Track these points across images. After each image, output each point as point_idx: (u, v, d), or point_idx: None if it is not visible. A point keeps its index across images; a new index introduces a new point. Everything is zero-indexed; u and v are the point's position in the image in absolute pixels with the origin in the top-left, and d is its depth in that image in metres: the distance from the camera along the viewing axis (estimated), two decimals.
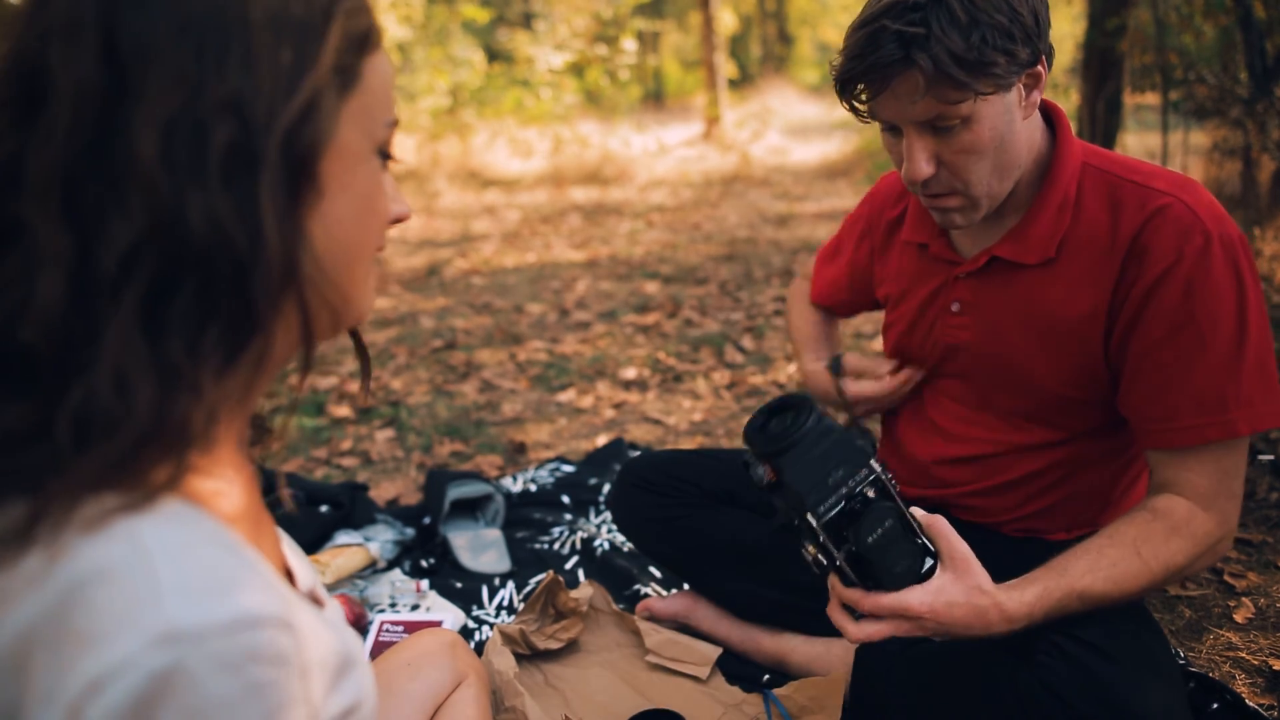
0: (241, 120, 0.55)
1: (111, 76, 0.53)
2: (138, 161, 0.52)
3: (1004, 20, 1.12)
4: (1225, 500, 1.23)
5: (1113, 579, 1.18)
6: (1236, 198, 5.09)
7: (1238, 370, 1.19)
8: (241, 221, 0.54)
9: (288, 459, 2.76)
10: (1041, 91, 1.22)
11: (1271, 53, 4.70)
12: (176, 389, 0.54)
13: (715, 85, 13.21)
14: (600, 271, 5.43)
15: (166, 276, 0.54)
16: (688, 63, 26.08)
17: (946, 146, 1.20)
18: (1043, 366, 1.32)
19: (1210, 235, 1.18)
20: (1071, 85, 7.21)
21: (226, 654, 0.51)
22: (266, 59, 0.56)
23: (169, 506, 0.55)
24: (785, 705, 1.44)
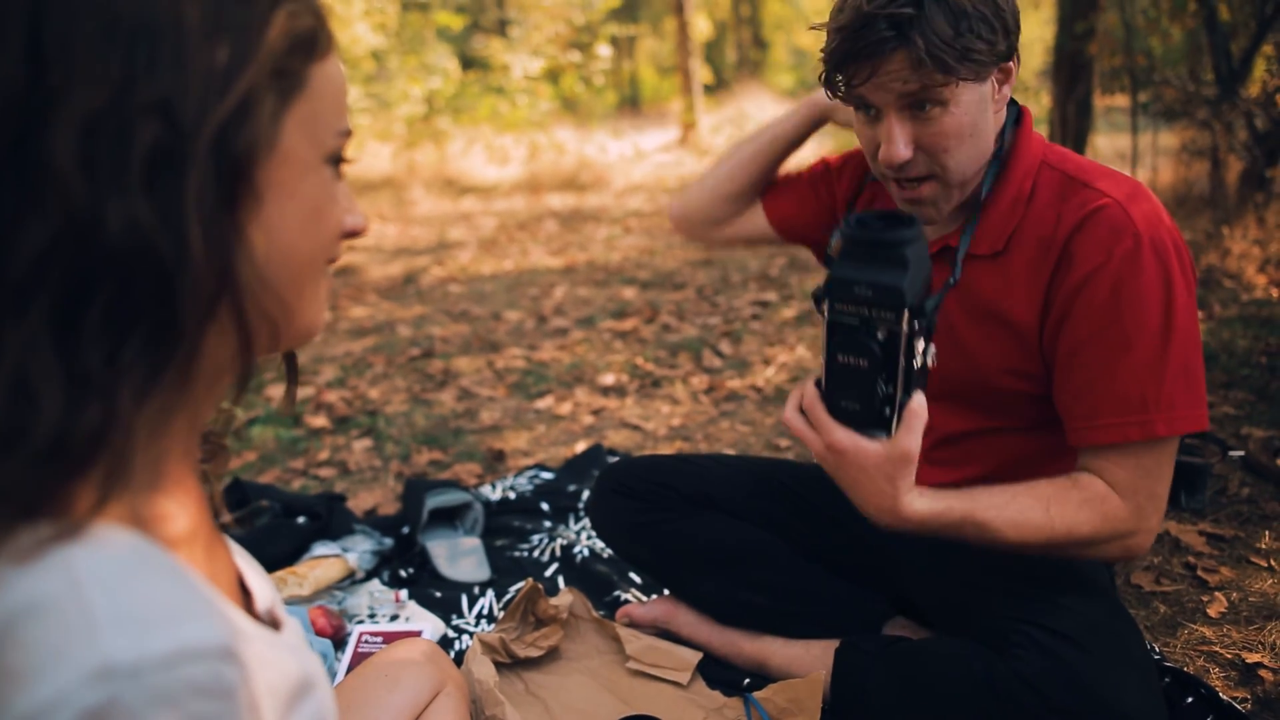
0: (169, 121, 0.52)
1: (34, 75, 0.51)
2: (53, 162, 0.50)
3: (987, 11, 1.17)
4: (1143, 498, 1.25)
5: (1014, 523, 1.21)
6: (1205, 198, 5.16)
7: (1161, 372, 1.21)
8: (164, 227, 0.52)
9: (264, 469, 2.74)
10: (1010, 88, 1.27)
11: (1236, 55, 4.78)
12: (87, 400, 0.51)
13: (691, 91, 13.25)
14: (578, 278, 5.43)
15: (82, 282, 0.51)
16: (663, 68, 26.14)
17: (925, 130, 1.22)
18: (986, 355, 1.35)
19: (1141, 238, 1.20)
20: (1042, 88, 7.29)
21: (165, 688, 0.49)
22: (199, 59, 0.54)
23: (106, 533, 0.52)
24: (765, 708, 1.44)
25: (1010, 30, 1.21)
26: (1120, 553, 1.28)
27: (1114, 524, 1.24)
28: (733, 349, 3.72)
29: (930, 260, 1.14)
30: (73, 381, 0.51)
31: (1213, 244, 4.36)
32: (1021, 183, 1.30)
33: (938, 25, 1.15)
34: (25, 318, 0.50)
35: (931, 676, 1.33)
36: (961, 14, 1.16)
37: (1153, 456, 1.24)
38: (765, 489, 1.70)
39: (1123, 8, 5.54)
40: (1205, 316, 3.49)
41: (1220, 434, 2.39)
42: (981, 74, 1.20)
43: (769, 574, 1.62)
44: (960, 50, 1.16)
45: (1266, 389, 2.72)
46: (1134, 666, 1.24)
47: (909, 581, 1.55)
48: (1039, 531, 1.22)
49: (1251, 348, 3.05)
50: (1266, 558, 1.87)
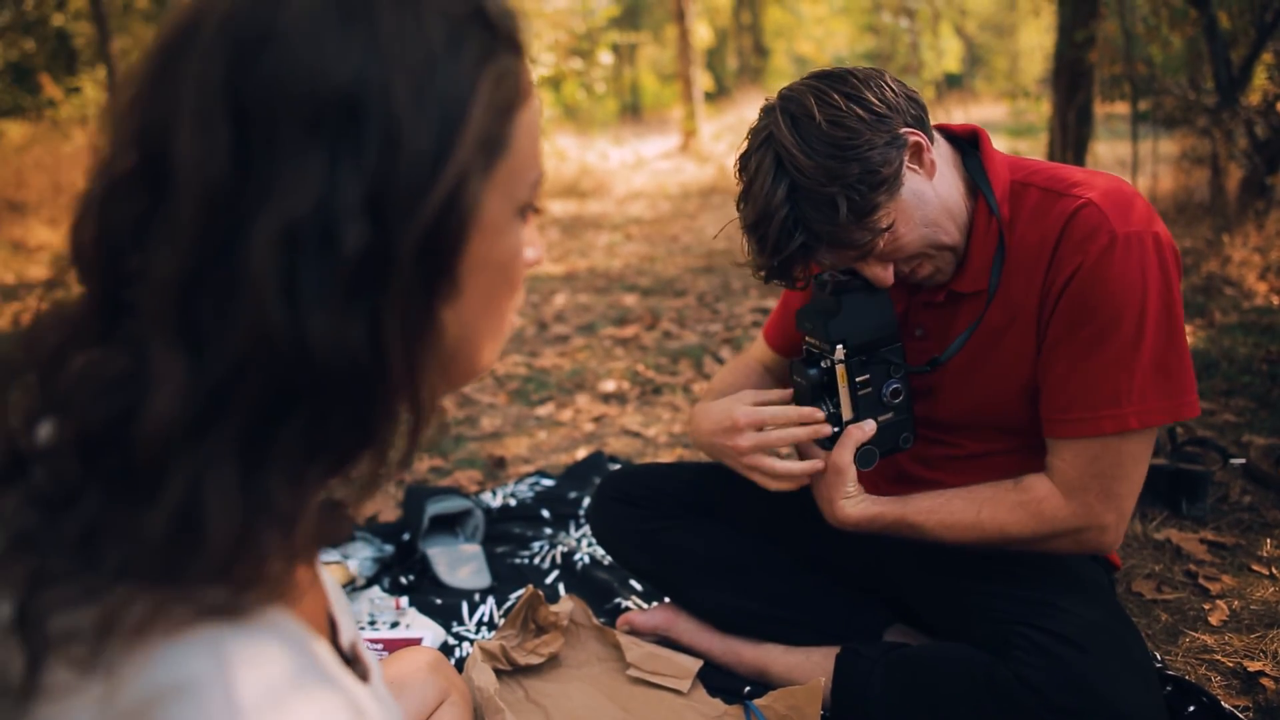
0: (376, 222, 0.47)
1: (239, 173, 0.46)
2: (251, 274, 0.45)
3: (857, 168, 1.20)
4: (1094, 496, 1.26)
5: (945, 525, 1.33)
6: (1205, 205, 5.17)
7: (1133, 366, 1.22)
8: (369, 343, 0.47)
9: None
10: (931, 151, 1.27)
11: (1236, 63, 4.79)
12: (263, 527, 0.48)
13: (692, 98, 13.28)
14: (579, 284, 5.44)
15: (275, 404, 0.47)
16: (664, 76, 26.20)
17: (887, 255, 1.29)
18: (1000, 382, 1.37)
19: (1116, 235, 1.21)
20: (1043, 95, 7.30)
21: None
22: (408, 144, 0.47)
23: (253, 613, 0.49)
24: (765, 715, 1.44)
25: (888, 131, 1.22)
26: (1077, 548, 1.31)
27: (1052, 524, 1.28)
28: (734, 356, 3.72)
29: (883, 311, 1.34)
30: (251, 507, 0.47)
31: (1213, 251, 4.36)
32: (1001, 210, 1.31)
33: (827, 231, 1.22)
34: (203, 440, 0.46)
35: (932, 681, 1.34)
36: (834, 192, 1.19)
37: (1113, 454, 1.25)
38: (765, 497, 1.70)
39: (1123, 16, 5.55)
40: (1206, 324, 3.49)
41: (1221, 441, 2.39)
42: (891, 193, 1.23)
43: (770, 582, 1.62)
44: (859, 217, 1.22)
45: (1267, 396, 2.72)
46: (1134, 667, 1.24)
47: (908, 588, 1.55)
48: (970, 531, 1.32)
49: (1252, 355, 3.05)
50: (1268, 565, 1.87)
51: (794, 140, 1.21)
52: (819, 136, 1.20)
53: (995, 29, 24.27)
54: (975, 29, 23.35)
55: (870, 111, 1.22)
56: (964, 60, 22.12)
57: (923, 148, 1.26)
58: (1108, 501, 1.26)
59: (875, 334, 1.35)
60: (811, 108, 1.22)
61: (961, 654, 1.33)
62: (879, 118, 1.22)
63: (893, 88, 1.26)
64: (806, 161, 1.20)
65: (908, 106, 1.26)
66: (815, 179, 1.20)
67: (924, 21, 9.17)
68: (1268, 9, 4.50)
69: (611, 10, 11.71)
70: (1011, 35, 22.94)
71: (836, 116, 1.21)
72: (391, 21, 0.48)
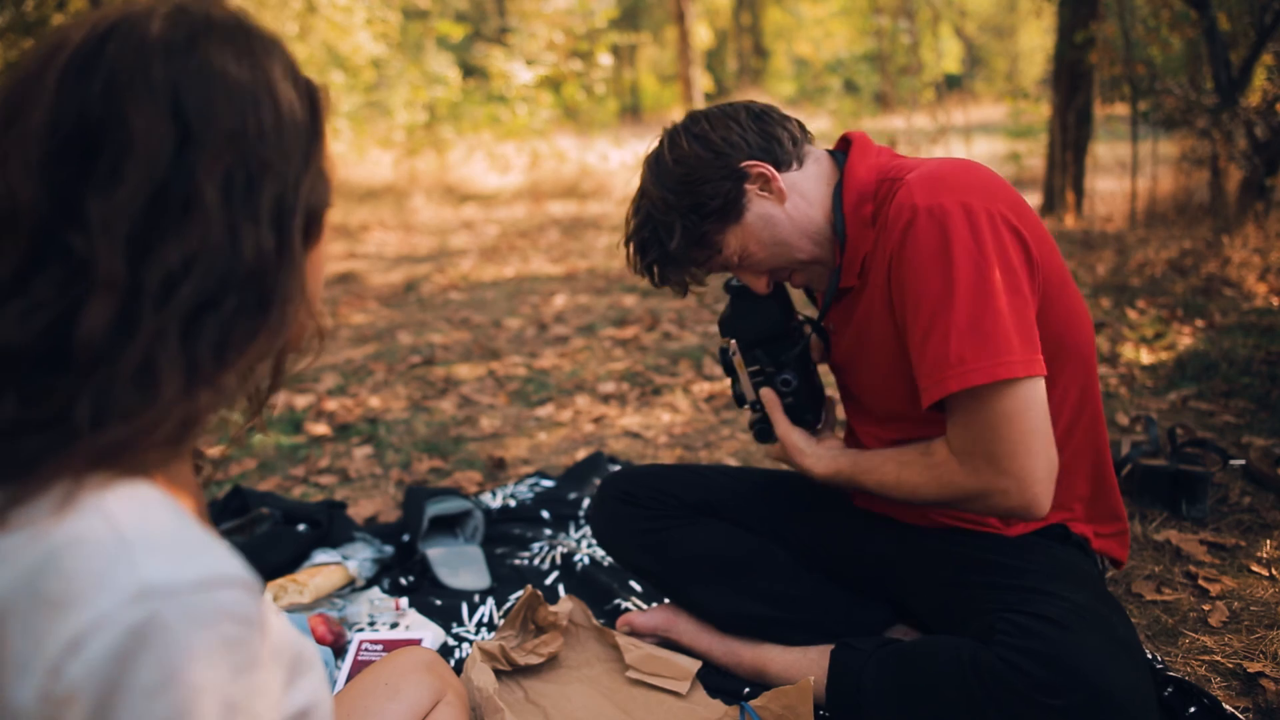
0: (280, 178, 0.67)
1: (179, 131, 0.63)
2: (203, 201, 0.63)
3: (689, 201, 1.41)
4: (980, 460, 1.29)
5: (879, 483, 1.43)
6: (1205, 206, 5.17)
7: (946, 331, 1.26)
8: (278, 255, 0.67)
9: (265, 477, 2.74)
10: (777, 179, 1.41)
11: (1236, 64, 4.79)
12: (199, 384, 0.63)
13: (692, 99, 13.27)
14: (578, 285, 5.44)
15: (213, 292, 0.63)
16: (664, 76, 26.22)
17: (749, 270, 1.48)
18: (884, 372, 1.45)
19: (917, 209, 1.28)
20: (1042, 97, 7.31)
21: (199, 609, 0.54)
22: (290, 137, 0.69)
23: (132, 486, 0.60)
24: (761, 715, 1.44)
25: (727, 167, 1.40)
26: (990, 512, 1.34)
27: (953, 488, 1.33)
28: None
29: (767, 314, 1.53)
30: (190, 369, 0.62)
31: (1213, 252, 4.36)
32: (859, 210, 1.41)
33: (670, 246, 1.43)
34: (159, 319, 0.61)
35: (923, 670, 1.36)
36: (671, 220, 1.41)
37: (978, 415, 1.27)
38: (767, 498, 1.71)
39: (1123, 17, 5.55)
40: (1206, 325, 3.49)
41: (1221, 443, 2.39)
42: (730, 218, 1.42)
43: (772, 583, 1.62)
44: (694, 243, 1.44)
45: (1267, 398, 2.72)
46: (1117, 644, 1.26)
47: (906, 587, 1.56)
48: (896, 490, 1.41)
49: (1252, 356, 3.05)
50: (1268, 566, 1.86)
51: (649, 175, 1.46)
52: (665, 172, 1.44)
53: (995, 30, 24.28)
54: (975, 30, 23.34)
55: (710, 150, 1.41)
56: (964, 61, 22.12)
57: (769, 177, 1.41)
58: (993, 465, 1.27)
59: (761, 332, 1.56)
60: (665, 148, 1.46)
61: (950, 643, 1.36)
62: (717, 155, 1.41)
63: (743, 126, 1.43)
64: (655, 193, 1.44)
65: (758, 141, 1.43)
66: (659, 208, 1.43)
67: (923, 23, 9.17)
68: (1267, 10, 4.50)
69: (611, 12, 11.70)
70: (1011, 36, 22.95)
71: (680, 156, 1.43)
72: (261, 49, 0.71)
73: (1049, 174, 6.25)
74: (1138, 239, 5.04)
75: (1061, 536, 1.48)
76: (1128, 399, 2.85)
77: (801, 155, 1.46)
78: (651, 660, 1.61)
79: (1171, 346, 3.30)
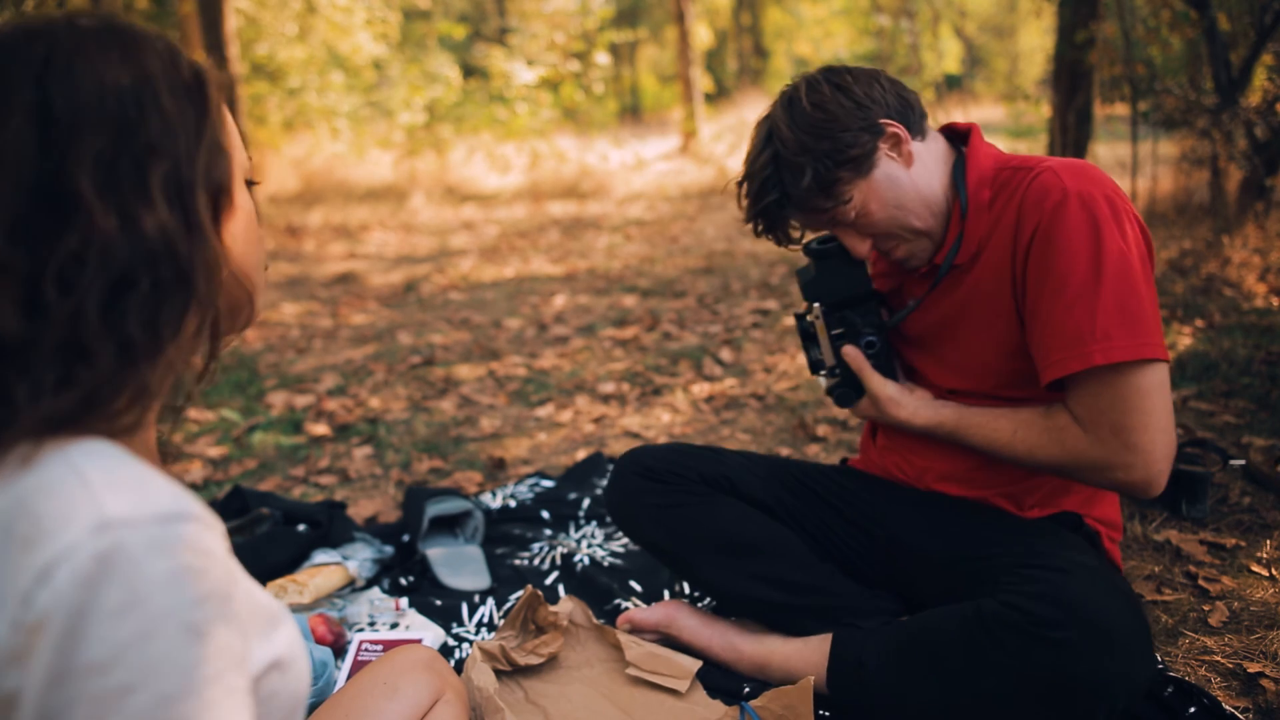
0: (169, 156, 0.69)
1: (45, 128, 0.65)
2: (79, 192, 0.64)
3: (827, 145, 1.42)
4: (1106, 431, 1.33)
5: (987, 440, 1.47)
6: (1205, 206, 5.17)
7: (1093, 309, 1.31)
8: (185, 231, 0.69)
9: (264, 477, 2.74)
10: (911, 144, 1.46)
11: (1236, 64, 4.79)
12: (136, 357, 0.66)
13: (692, 99, 13.28)
14: (578, 286, 5.44)
15: (123, 275, 0.66)
16: (664, 77, 26.22)
17: (861, 228, 1.49)
18: (987, 344, 1.49)
19: (1068, 192, 1.33)
20: (1043, 97, 7.31)
21: (160, 538, 0.59)
22: (176, 112, 0.71)
23: (94, 441, 0.65)
24: (761, 715, 1.44)
25: (868, 119, 1.42)
26: (1110, 485, 1.38)
27: (1075, 454, 1.37)
28: (733, 356, 3.72)
29: (853, 277, 1.57)
30: (121, 344, 0.66)
31: (1213, 253, 4.36)
32: (977, 195, 1.46)
33: (795, 189, 1.45)
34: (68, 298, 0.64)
35: (926, 634, 1.39)
36: (804, 162, 1.42)
37: (1111, 389, 1.32)
38: (782, 482, 1.72)
39: (1123, 17, 5.55)
40: (1205, 325, 3.49)
41: (1221, 443, 2.39)
42: (861, 171, 1.44)
43: (784, 568, 1.61)
44: (822, 189, 1.44)
45: (1267, 398, 2.72)
46: (1116, 592, 1.31)
47: (919, 571, 1.56)
48: (1008, 447, 1.44)
49: (1252, 356, 3.05)
50: (1268, 567, 1.86)
51: (783, 116, 1.46)
52: (802, 116, 1.44)
53: (995, 30, 24.28)
54: (975, 30, 23.35)
55: (852, 100, 1.43)
56: (964, 61, 22.12)
57: (901, 139, 1.44)
58: (1118, 438, 1.32)
59: (845, 295, 1.59)
60: (802, 93, 1.46)
61: (953, 608, 1.39)
62: (859, 106, 1.43)
63: (884, 86, 1.46)
64: (788, 134, 1.44)
65: (895, 104, 1.46)
66: (791, 149, 1.44)
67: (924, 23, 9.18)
68: (1267, 10, 4.50)
69: (607, 11, 11.70)
70: (1011, 37, 22.95)
71: (820, 101, 1.44)
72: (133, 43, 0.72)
73: None
74: None
75: (1074, 525, 1.52)
76: None
77: (925, 129, 1.50)
78: (652, 658, 1.61)
79: (1172, 347, 3.30)
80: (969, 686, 1.31)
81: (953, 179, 1.49)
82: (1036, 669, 1.25)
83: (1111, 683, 1.23)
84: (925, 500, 1.61)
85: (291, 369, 3.95)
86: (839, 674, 1.47)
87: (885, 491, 1.66)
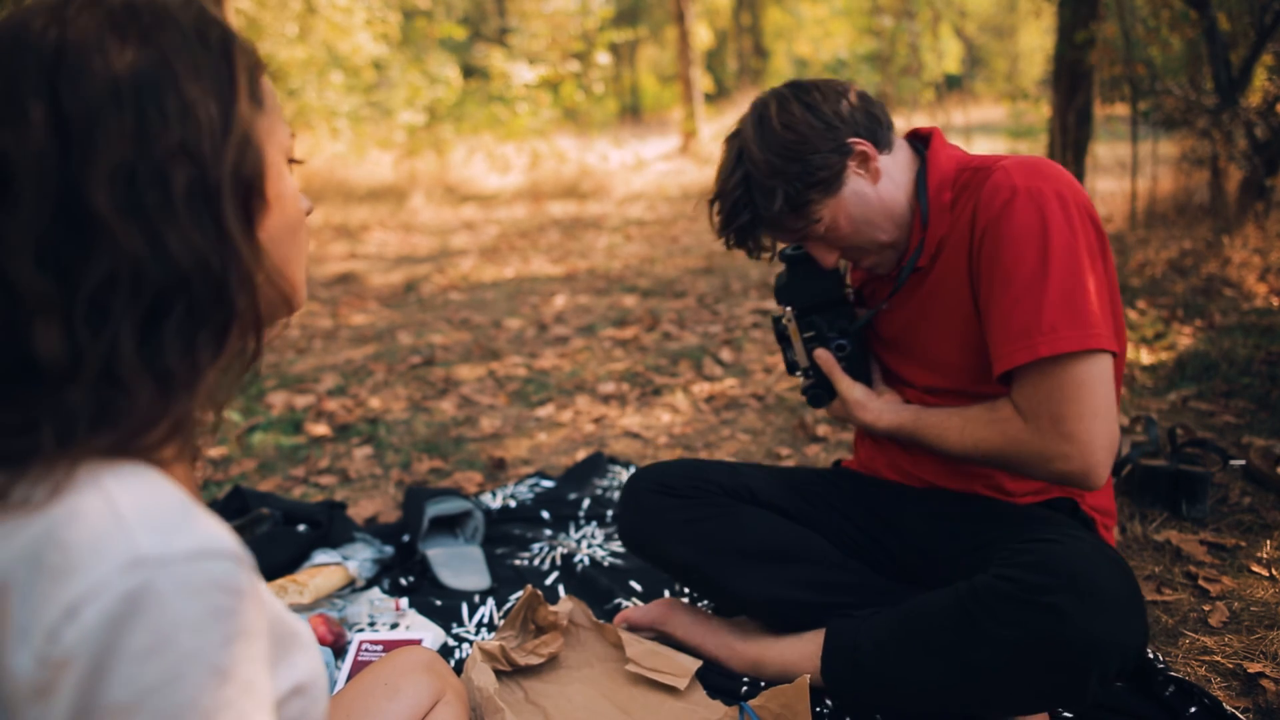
0: (194, 161, 0.63)
1: (63, 144, 0.60)
2: (98, 211, 0.60)
3: (798, 168, 1.44)
4: (1045, 421, 1.35)
5: (941, 439, 1.49)
6: (1205, 207, 5.17)
7: (1040, 302, 1.33)
8: (217, 246, 0.64)
9: (265, 477, 2.74)
10: (878, 159, 1.48)
11: (1236, 64, 4.79)
12: (176, 389, 0.63)
13: (692, 99, 13.28)
14: (578, 286, 5.44)
15: (155, 300, 0.62)
16: (664, 77, 26.22)
17: (830, 241, 1.53)
18: (948, 341, 1.52)
19: (1016, 189, 1.36)
20: (1043, 97, 7.31)
21: (191, 578, 0.57)
22: (199, 103, 0.64)
23: (129, 466, 0.62)
24: (760, 714, 1.44)
25: (837, 139, 1.44)
26: (1051, 476, 1.38)
27: (1016, 444, 1.38)
28: (733, 356, 3.72)
29: (824, 283, 1.60)
30: (159, 377, 0.63)
31: (1213, 253, 4.36)
32: (939, 197, 1.49)
33: (766, 211, 1.47)
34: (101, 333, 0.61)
35: (920, 613, 1.39)
36: (775, 185, 1.44)
37: (1051, 379, 1.34)
38: (794, 487, 1.72)
39: (1123, 17, 5.55)
40: (1205, 325, 3.49)
41: (1221, 443, 2.39)
42: (831, 190, 1.46)
43: (820, 570, 1.59)
44: (793, 210, 1.46)
45: (1267, 398, 2.72)
46: (1107, 558, 1.32)
47: (928, 575, 1.56)
48: (958, 444, 1.46)
49: (1252, 356, 3.05)
50: (1268, 567, 1.86)
51: (753, 136, 1.48)
52: (773, 136, 1.45)
53: (995, 30, 24.28)
54: (975, 30, 23.34)
55: (822, 121, 1.45)
56: (964, 62, 22.12)
57: (869, 156, 1.47)
58: (1056, 428, 1.33)
59: (817, 300, 1.63)
60: (773, 112, 1.47)
61: (948, 589, 1.39)
62: (829, 127, 1.45)
63: (852, 102, 1.48)
64: (759, 156, 1.46)
65: (863, 120, 1.48)
66: (762, 171, 1.46)
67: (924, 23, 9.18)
68: (1267, 10, 4.50)
69: (608, 11, 11.69)
70: (1011, 37, 22.94)
71: (790, 122, 1.45)
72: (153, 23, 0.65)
73: None
74: (1138, 239, 5.04)
75: (1070, 510, 1.53)
76: (1128, 399, 2.85)
77: (892, 141, 1.52)
78: (652, 656, 1.61)
79: (1172, 347, 3.31)
80: (963, 659, 1.31)
81: (916, 186, 1.52)
82: (1029, 635, 1.25)
83: (1104, 646, 1.23)
84: (923, 498, 1.61)
85: (291, 369, 3.95)
86: (834, 662, 1.47)
87: (882, 492, 1.67)
